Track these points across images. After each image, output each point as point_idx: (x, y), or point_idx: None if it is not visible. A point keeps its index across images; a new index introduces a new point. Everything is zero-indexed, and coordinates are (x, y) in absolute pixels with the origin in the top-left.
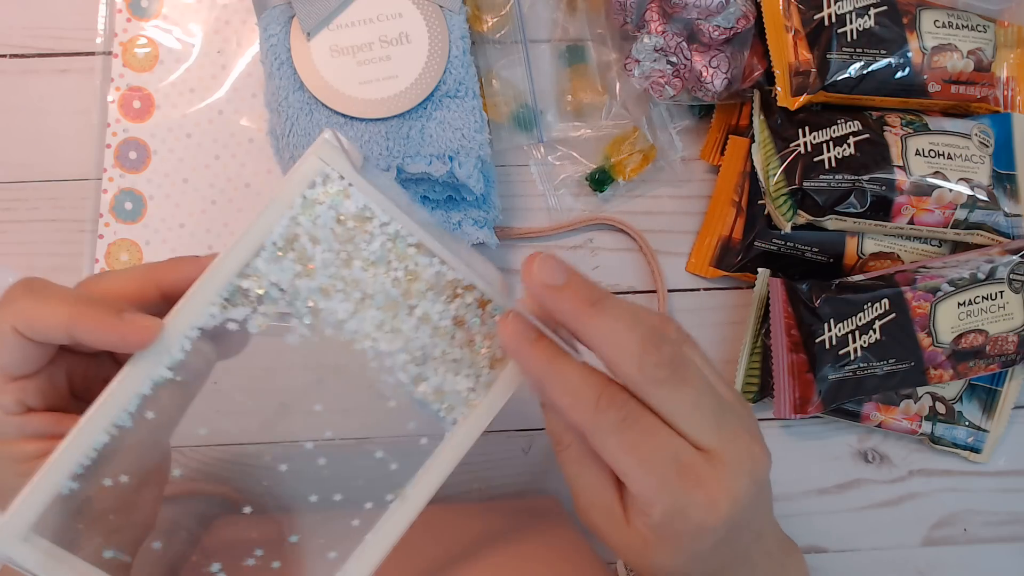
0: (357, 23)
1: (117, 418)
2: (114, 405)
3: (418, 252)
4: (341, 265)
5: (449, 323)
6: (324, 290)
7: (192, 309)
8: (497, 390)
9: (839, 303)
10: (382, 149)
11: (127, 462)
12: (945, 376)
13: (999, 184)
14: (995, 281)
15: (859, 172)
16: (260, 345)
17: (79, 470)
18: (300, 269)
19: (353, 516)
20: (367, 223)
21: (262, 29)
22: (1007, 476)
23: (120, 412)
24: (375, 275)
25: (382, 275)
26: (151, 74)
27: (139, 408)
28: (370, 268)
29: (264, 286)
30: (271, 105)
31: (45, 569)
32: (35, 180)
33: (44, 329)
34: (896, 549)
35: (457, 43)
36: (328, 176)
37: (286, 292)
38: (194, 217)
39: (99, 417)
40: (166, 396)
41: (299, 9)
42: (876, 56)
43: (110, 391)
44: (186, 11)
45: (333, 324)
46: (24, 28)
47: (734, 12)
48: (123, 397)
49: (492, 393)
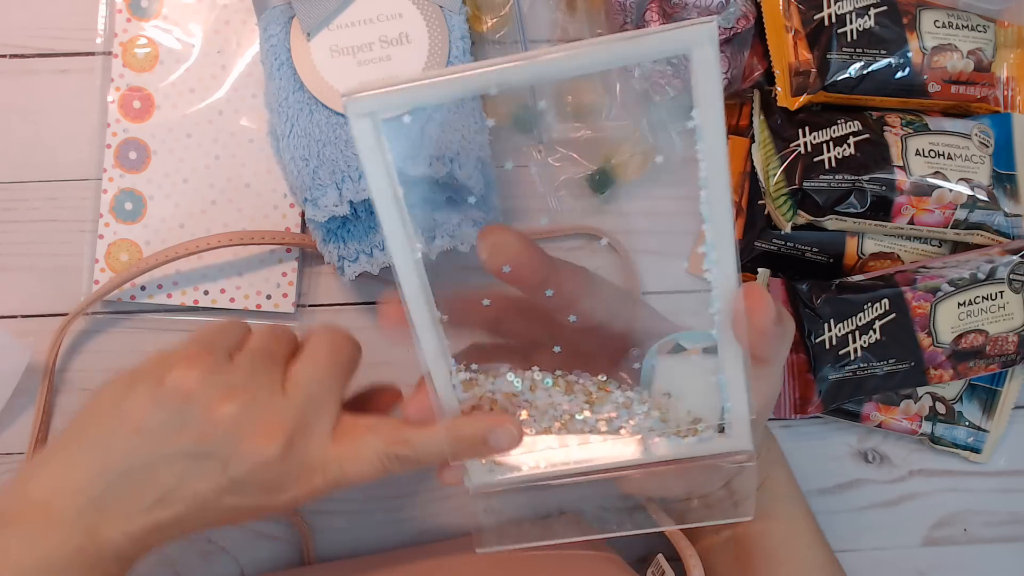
0: (357, 23)
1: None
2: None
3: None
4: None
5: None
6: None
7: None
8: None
9: (839, 303)
10: None
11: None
12: (945, 376)
13: (999, 184)
14: (995, 281)
15: (859, 172)
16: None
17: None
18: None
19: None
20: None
21: (262, 29)
22: (1007, 476)
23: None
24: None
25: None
26: (151, 74)
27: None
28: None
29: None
30: (271, 105)
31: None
32: (35, 180)
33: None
34: (896, 549)
35: (457, 43)
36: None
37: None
38: (194, 217)
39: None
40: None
41: (299, 9)
42: (876, 56)
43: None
44: (186, 11)
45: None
46: (24, 28)
47: (734, 12)
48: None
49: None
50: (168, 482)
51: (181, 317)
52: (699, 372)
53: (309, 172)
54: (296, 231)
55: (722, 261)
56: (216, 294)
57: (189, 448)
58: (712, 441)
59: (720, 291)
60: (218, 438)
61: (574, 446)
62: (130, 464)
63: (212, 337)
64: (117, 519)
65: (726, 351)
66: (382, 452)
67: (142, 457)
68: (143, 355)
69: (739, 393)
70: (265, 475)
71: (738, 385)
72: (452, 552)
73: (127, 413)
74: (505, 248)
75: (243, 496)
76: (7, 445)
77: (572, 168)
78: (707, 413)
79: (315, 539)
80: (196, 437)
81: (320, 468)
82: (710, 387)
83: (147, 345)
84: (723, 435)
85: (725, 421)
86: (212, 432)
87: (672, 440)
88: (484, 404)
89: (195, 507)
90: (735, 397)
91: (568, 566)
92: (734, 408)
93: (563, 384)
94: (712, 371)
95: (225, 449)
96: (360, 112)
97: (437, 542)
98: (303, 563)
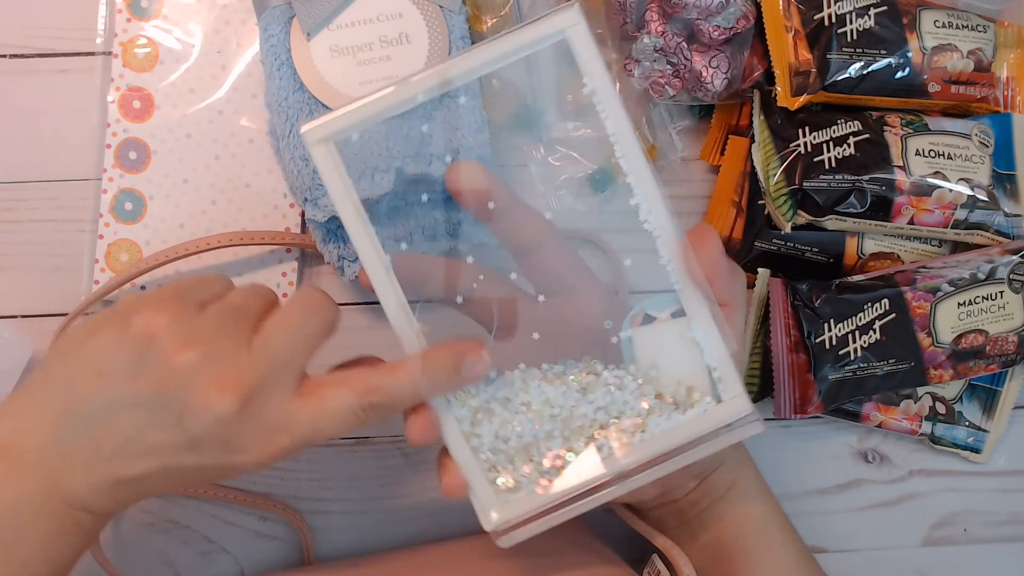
0: (357, 23)
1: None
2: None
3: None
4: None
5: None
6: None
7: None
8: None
9: (839, 303)
10: (382, 149)
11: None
12: (945, 376)
13: (999, 184)
14: (995, 281)
15: (859, 172)
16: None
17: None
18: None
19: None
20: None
21: (262, 29)
22: (1007, 476)
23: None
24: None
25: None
26: (151, 74)
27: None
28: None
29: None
30: (271, 105)
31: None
32: (35, 180)
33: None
34: (896, 549)
35: (457, 43)
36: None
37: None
38: (194, 217)
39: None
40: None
41: (299, 9)
42: (876, 56)
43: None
44: (186, 11)
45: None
46: (24, 28)
47: (734, 12)
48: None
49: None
50: (127, 430)
51: None
52: (674, 336)
53: (309, 172)
54: (296, 231)
55: (654, 209)
56: None
57: (146, 395)
58: (712, 412)
59: (663, 239)
60: (175, 387)
61: (583, 454)
62: (90, 408)
63: (187, 286)
64: (79, 467)
65: (691, 302)
66: (354, 403)
67: (102, 401)
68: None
69: (717, 344)
70: (221, 432)
71: (712, 335)
72: (452, 552)
73: (90, 354)
74: (471, 172)
75: (202, 454)
76: None
77: (572, 167)
78: (696, 379)
79: (315, 539)
80: (153, 383)
81: (284, 428)
82: (689, 350)
83: None
84: (721, 404)
85: (716, 381)
86: (169, 380)
87: (673, 418)
88: (483, 416)
89: (156, 463)
90: (716, 353)
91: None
92: (718, 363)
93: (551, 377)
94: (686, 333)
95: (181, 400)
96: (316, 139)
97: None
98: (303, 563)
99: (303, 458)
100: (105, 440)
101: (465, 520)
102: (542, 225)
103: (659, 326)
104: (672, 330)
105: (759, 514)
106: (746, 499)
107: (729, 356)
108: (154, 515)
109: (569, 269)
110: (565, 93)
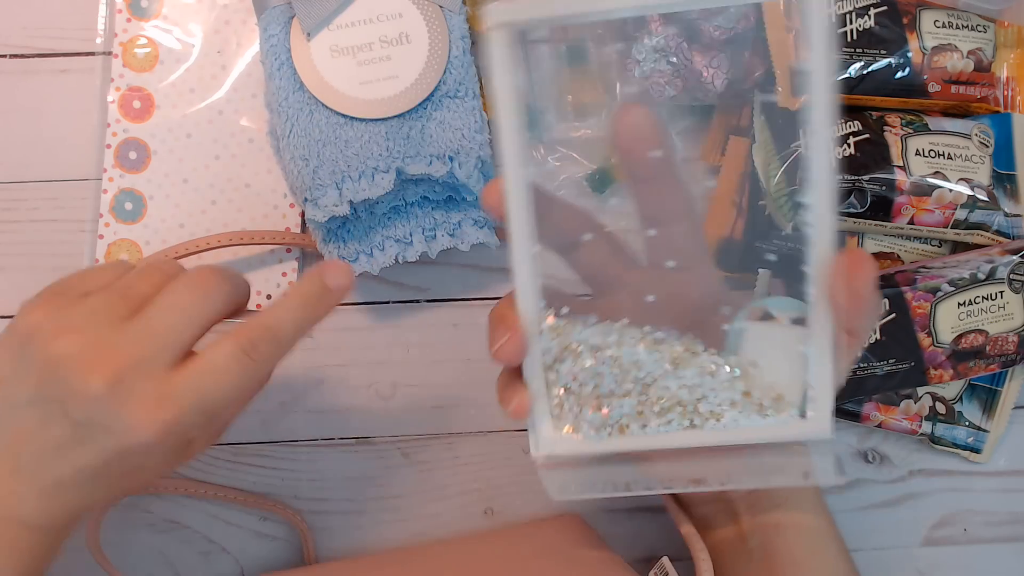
0: (357, 23)
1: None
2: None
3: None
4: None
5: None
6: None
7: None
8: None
9: None
10: (382, 150)
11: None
12: (945, 376)
13: (999, 184)
14: (995, 281)
15: (859, 172)
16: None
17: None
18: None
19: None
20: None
21: (262, 29)
22: (1007, 476)
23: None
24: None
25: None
26: (151, 74)
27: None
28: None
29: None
30: (271, 105)
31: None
32: (35, 180)
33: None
34: (896, 549)
35: (457, 43)
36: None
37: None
38: (194, 217)
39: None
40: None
41: (299, 9)
42: (876, 56)
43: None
44: (186, 11)
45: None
46: (24, 28)
47: (735, 12)
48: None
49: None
50: (31, 431)
51: None
52: (786, 343)
53: (309, 172)
54: (296, 231)
55: (822, 215)
56: None
57: (33, 392)
58: (791, 425)
59: (818, 248)
60: (54, 378)
61: (652, 423)
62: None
63: (72, 279)
64: (7, 478)
65: (817, 318)
66: (236, 350)
67: (5, 407)
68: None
69: (824, 368)
70: (101, 414)
71: (824, 358)
72: (453, 552)
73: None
74: (646, 125)
75: (96, 442)
76: None
77: (572, 168)
78: (789, 391)
79: (315, 539)
80: (36, 380)
81: (166, 398)
82: (795, 361)
83: None
84: (803, 419)
85: (807, 399)
86: (48, 373)
87: (752, 418)
88: (568, 354)
89: (67, 464)
90: (820, 373)
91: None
92: (818, 385)
93: (650, 341)
94: (799, 343)
95: (60, 389)
96: (497, 21)
97: (437, 542)
98: (303, 563)
99: (303, 458)
100: (19, 446)
101: (465, 520)
102: (685, 200)
103: (775, 327)
104: (786, 335)
105: (815, 526)
106: (803, 510)
107: (831, 382)
108: (154, 515)
109: (697, 249)
110: (565, 93)
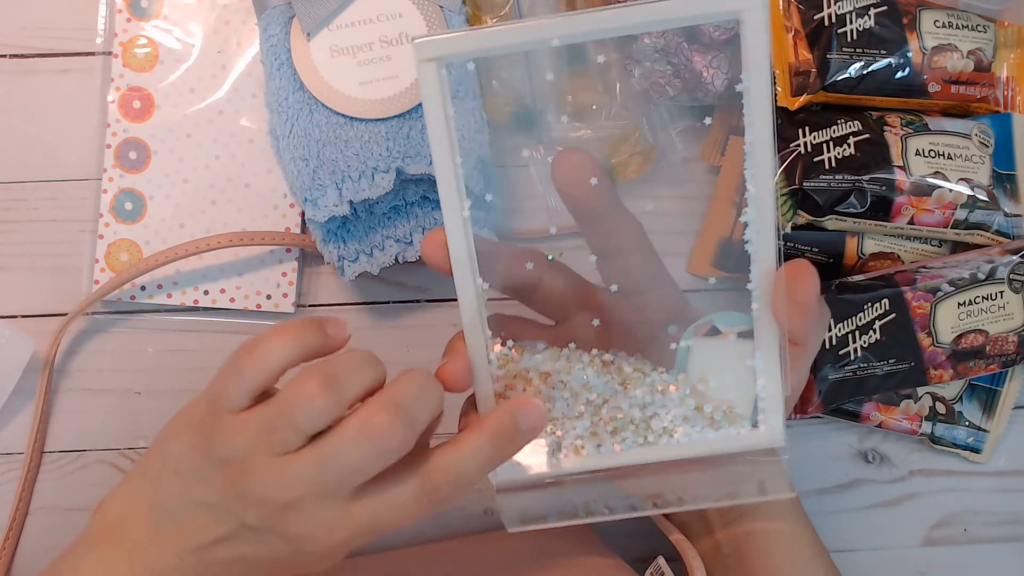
0: (357, 23)
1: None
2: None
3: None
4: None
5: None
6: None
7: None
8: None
9: (839, 303)
10: (382, 149)
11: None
12: (945, 376)
13: (999, 184)
14: (995, 281)
15: (859, 172)
16: None
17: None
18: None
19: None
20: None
21: (262, 29)
22: (1007, 476)
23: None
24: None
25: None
26: (151, 74)
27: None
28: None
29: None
30: (271, 105)
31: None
32: (35, 180)
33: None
34: (896, 549)
35: None
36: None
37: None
38: (194, 217)
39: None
40: None
41: (299, 9)
42: (876, 56)
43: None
44: (186, 11)
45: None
46: (24, 28)
47: None
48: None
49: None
50: (204, 524)
51: (181, 317)
52: (733, 357)
53: (309, 172)
54: (296, 231)
55: (763, 232)
56: (216, 294)
57: (215, 500)
58: (744, 436)
59: (760, 263)
60: (241, 501)
61: (606, 442)
62: (175, 504)
63: (279, 405)
64: (170, 555)
65: (763, 331)
66: (419, 492)
67: (183, 499)
68: (142, 356)
69: (773, 379)
70: (279, 526)
71: (772, 369)
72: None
73: (170, 455)
74: (582, 168)
75: (267, 544)
76: (7, 445)
77: None
78: (740, 403)
79: None
80: (220, 491)
81: (342, 524)
82: (744, 373)
83: (147, 345)
84: (755, 430)
85: (758, 410)
86: (236, 497)
87: (705, 432)
88: (518, 383)
89: (234, 552)
90: (769, 384)
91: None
92: (767, 396)
93: (599, 363)
94: (746, 356)
95: (243, 508)
96: (426, 56)
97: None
98: None
99: None
100: (190, 533)
101: (465, 520)
102: (637, 232)
103: (721, 342)
104: (733, 350)
105: (788, 531)
106: (775, 517)
107: (780, 393)
108: None
109: (651, 274)
110: (565, 93)
